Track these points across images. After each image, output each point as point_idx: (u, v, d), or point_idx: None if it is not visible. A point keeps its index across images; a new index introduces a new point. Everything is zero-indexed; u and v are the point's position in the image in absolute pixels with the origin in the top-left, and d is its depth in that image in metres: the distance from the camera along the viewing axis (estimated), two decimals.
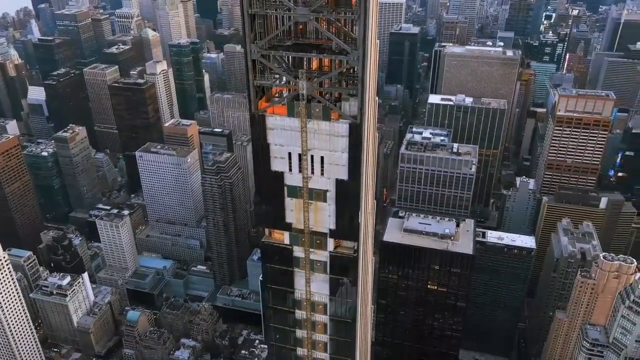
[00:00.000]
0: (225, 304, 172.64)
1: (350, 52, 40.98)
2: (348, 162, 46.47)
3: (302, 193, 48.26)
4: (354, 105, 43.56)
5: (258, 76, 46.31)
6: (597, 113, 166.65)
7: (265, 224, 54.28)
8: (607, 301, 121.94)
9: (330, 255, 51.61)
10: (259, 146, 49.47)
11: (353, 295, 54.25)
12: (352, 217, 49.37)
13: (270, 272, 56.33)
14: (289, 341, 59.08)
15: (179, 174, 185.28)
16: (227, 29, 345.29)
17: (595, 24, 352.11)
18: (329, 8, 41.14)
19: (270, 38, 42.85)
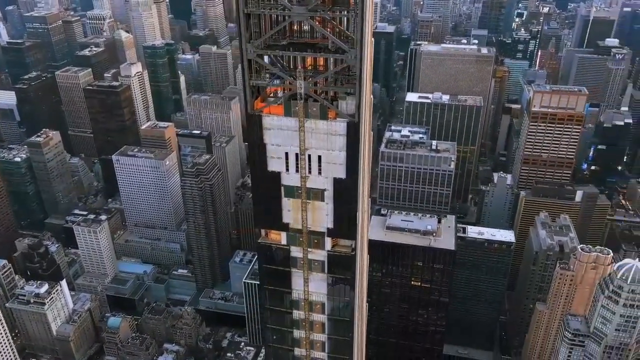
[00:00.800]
0: (208, 307, 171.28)
1: (347, 50, 41.01)
2: (346, 161, 46.52)
3: (300, 193, 48.13)
4: (351, 103, 43.62)
5: (254, 76, 45.87)
6: (571, 108, 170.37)
7: (262, 225, 53.93)
8: (586, 292, 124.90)
9: (328, 255, 51.59)
10: (255, 147, 49.06)
11: (351, 294, 54.37)
12: (350, 215, 49.47)
13: (267, 273, 56.03)
14: (286, 342, 58.88)
15: (157, 177, 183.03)
16: (202, 30, 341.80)
17: (565, 21, 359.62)
18: (325, 7, 41.02)
19: (266, 37, 42.47)
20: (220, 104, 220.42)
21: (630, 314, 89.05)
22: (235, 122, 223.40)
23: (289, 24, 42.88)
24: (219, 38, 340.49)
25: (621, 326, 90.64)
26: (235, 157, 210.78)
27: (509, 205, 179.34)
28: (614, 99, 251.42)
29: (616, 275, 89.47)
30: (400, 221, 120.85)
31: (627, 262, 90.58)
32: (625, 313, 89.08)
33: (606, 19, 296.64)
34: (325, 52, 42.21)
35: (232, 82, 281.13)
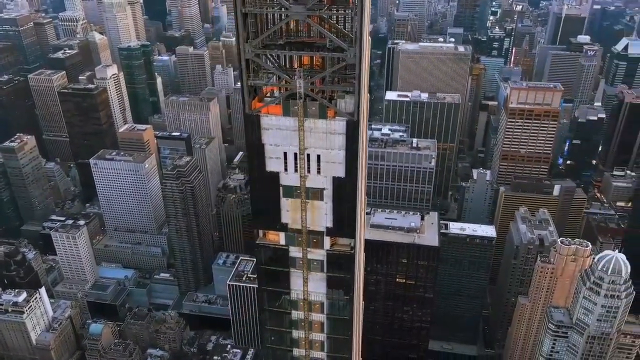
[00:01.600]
0: (192, 311, 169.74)
1: (347, 49, 41.00)
2: (345, 160, 46.51)
3: (299, 193, 47.90)
4: (350, 102, 43.64)
5: (251, 76, 45.47)
6: (547, 104, 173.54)
7: (260, 226, 53.55)
8: (566, 284, 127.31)
9: (327, 254, 51.49)
10: (253, 147, 48.59)
11: (350, 292, 54.44)
12: (349, 214, 49.47)
13: (265, 274, 55.62)
14: (285, 343, 58.62)
15: (136, 180, 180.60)
16: (178, 31, 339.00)
17: (538, 19, 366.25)
18: (324, 6, 40.86)
19: (264, 37, 42.13)
20: (199, 105, 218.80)
21: (611, 304, 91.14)
22: (214, 124, 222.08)
23: (285, 24, 42.65)
24: (195, 39, 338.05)
25: (602, 316, 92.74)
26: (215, 159, 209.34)
27: (489, 201, 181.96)
28: (586, 94, 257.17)
29: (597, 267, 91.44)
30: (384, 219, 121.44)
31: (607, 253, 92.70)
32: (606, 303, 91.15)
33: (577, 16, 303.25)
34: (324, 51, 42.14)
35: (209, 83, 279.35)
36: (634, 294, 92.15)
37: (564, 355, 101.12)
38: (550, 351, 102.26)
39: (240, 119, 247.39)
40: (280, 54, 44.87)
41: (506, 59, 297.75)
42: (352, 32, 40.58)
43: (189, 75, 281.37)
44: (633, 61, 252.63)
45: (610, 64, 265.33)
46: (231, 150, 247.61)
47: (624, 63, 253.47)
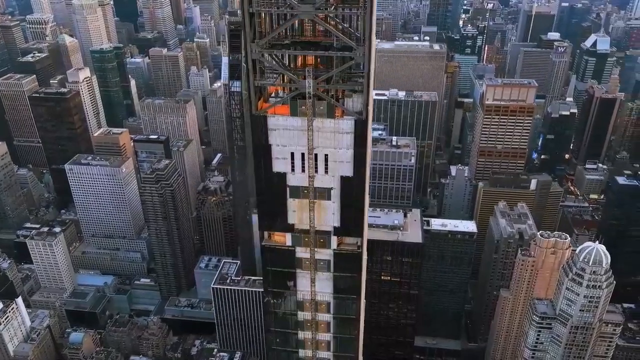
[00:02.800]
0: (175, 316, 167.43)
1: (356, 48, 40.86)
2: (353, 159, 46.37)
3: (306, 193, 47.61)
4: (357, 101, 43.57)
5: (258, 76, 44.96)
6: (522, 100, 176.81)
7: (267, 228, 53.05)
8: (546, 276, 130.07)
9: (334, 253, 51.35)
10: (260, 148, 48.02)
11: (357, 291, 54.49)
12: (357, 213, 49.44)
13: (272, 276, 55.15)
14: (290, 344, 58.30)
15: (113, 185, 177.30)
16: (150, 33, 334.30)
17: (508, 17, 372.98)
18: (332, 4, 40.65)
19: (272, 36, 41.68)
20: (175, 107, 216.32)
21: (593, 295, 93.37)
22: (191, 126, 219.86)
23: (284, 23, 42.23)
24: (168, 40, 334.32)
25: (585, 306, 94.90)
26: (193, 161, 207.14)
27: (468, 197, 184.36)
28: (558, 90, 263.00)
29: (578, 259, 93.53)
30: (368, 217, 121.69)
31: (587, 245, 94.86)
32: (589, 294, 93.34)
33: (547, 14, 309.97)
34: (331, 50, 41.96)
35: (185, 85, 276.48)
36: (614, 283, 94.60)
37: (549, 346, 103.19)
38: (535, 342, 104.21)
39: (217, 120, 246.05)
40: (284, 54, 44.62)
41: (479, 57, 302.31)
42: (357, 31, 40.53)
43: (164, 77, 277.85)
44: (601, 57, 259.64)
45: (580, 60, 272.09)
46: (209, 153, 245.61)
47: (593, 59, 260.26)
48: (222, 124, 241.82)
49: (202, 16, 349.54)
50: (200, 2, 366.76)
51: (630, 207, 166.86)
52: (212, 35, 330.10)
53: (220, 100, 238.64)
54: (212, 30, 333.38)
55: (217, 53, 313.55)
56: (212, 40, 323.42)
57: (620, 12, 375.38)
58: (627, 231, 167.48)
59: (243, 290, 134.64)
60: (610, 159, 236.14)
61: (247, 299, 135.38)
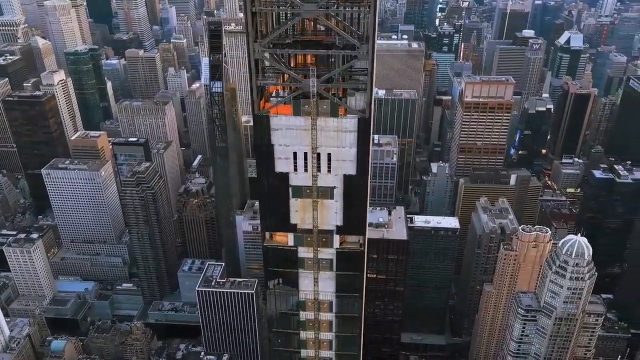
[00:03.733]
0: (158, 320, 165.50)
1: (359, 46, 40.72)
2: (356, 157, 46.24)
3: (309, 192, 47.35)
4: (360, 99, 43.51)
5: (260, 76, 44.48)
6: (500, 97, 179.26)
7: (269, 228, 52.62)
8: (529, 269, 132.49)
9: (336, 252, 51.26)
10: (262, 148, 47.57)
11: (360, 290, 54.50)
12: (360, 211, 49.45)
13: (274, 276, 54.71)
14: (292, 344, 57.96)
15: (92, 189, 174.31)
16: (125, 34, 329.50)
17: (483, 15, 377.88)
18: (336, 3, 40.47)
19: (275, 36, 41.31)
20: (154, 109, 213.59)
21: (576, 286, 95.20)
22: (171, 127, 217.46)
23: (287, 23, 41.94)
24: (144, 41, 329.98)
25: (569, 298, 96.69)
26: (174, 163, 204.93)
27: (449, 193, 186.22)
28: (534, 86, 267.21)
29: (561, 251, 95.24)
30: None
31: (570, 237, 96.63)
32: (572, 286, 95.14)
33: (521, 11, 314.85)
34: (334, 48, 41.79)
35: (162, 87, 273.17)
36: (596, 275, 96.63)
37: (534, 338, 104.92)
38: (520, 335, 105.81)
39: (196, 121, 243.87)
40: (284, 54, 44.28)
41: (456, 55, 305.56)
42: (359, 30, 40.49)
43: (141, 79, 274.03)
44: (575, 53, 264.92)
45: (554, 56, 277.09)
46: (188, 154, 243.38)
47: (567, 55, 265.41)
48: (202, 125, 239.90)
49: (178, 17, 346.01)
50: (175, 3, 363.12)
51: (607, 200, 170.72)
52: (189, 35, 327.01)
53: (199, 101, 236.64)
54: (189, 30, 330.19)
55: (195, 54, 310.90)
56: (189, 41, 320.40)
57: (591, 10, 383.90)
58: (603, 223, 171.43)
59: (228, 292, 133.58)
60: (586, 153, 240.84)
61: (232, 301, 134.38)
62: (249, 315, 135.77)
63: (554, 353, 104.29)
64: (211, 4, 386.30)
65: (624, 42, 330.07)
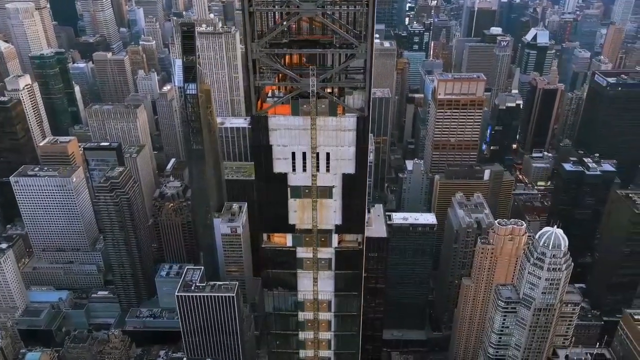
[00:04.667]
0: (136, 327, 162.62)
1: (358, 45, 40.56)
2: (355, 156, 46.12)
3: (307, 192, 47.00)
4: (358, 98, 43.40)
5: (258, 76, 43.89)
6: (472, 94, 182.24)
7: (268, 230, 51.99)
8: (505, 262, 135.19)
9: (335, 252, 51.03)
10: (260, 149, 46.99)
11: (358, 288, 54.37)
12: (359, 210, 49.38)
13: (272, 278, 54.12)
14: (290, 345, 57.48)
15: (64, 195, 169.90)
16: (92, 36, 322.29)
17: (451, 13, 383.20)
18: (335, 2, 40.22)
19: (273, 35, 40.82)
20: (125, 112, 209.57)
21: (554, 277, 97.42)
22: (143, 131, 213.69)
23: (286, 22, 41.58)
24: (112, 44, 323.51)
25: (547, 289, 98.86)
26: (147, 167, 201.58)
27: (425, 190, 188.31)
28: (502, 82, 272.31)
29: (539, 243, 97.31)
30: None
31: (547, 230, 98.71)
32: (550, 277, 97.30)
33: (488, 9, 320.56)
34: (331, 48, 41.56)
35: (132, 90, 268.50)
36: (572, 265, 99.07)
37: (514, 330, 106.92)
38: (501, 327, 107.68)
39: (168, 124, 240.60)
40: (280, 53, 43.88)
41: (427, 53, 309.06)
42: (355, 28, 40.42)
43: (110, 82, 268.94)
44: (542, 50, 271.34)
45: (522, 53, 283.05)
46: (161, 158, 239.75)
47: (534, 52, 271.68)
48: (175, 128, 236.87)
49: (146, 18, 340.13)
50: (143, 4, 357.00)
51: (577, 192, 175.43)
52: (158, 37, 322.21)
53: (171, 104, 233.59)
54: (158, 32, 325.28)
55: (164, 55, 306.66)
56: (158, 43, 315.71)
57: (554, 7, 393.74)
58: (574, 215, 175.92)
59: (209, 296, 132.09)
60: (555, 147, 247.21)
61: (213, 304, 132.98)
62: (230, 318, 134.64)
63: (534, 343, 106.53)
64: (180, 5, 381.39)
65: (586, 38, 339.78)
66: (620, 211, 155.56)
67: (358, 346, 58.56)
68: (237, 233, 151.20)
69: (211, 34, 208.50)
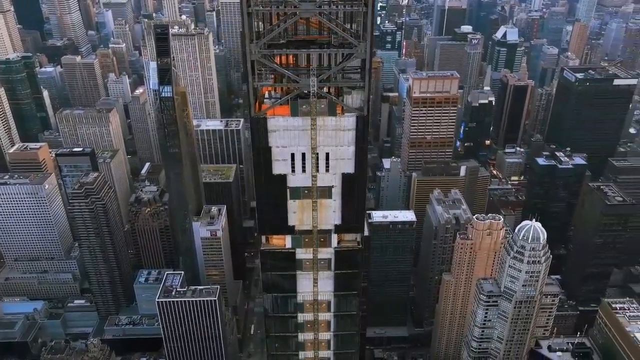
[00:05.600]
0: (116, 335, 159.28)
1: (357, 44, 40.36)
2: (355, 155, 45.95)
3: (307, 193, 46.60)
4: (357, 97, 43.24)
5: (256, 78, 43.28)
6: (446, 91, 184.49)
7: (267, 232, 51.35)
8: (484, 256, 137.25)
9: (335, 251, 50.79)
10: (260, 151, 46.31)
11: (359, 287, 54.28)
12: (359, 209, 49.23)
13: (272, 280, 53.50)
14: (290, 347, 56.94)
15: (36, 203, 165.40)
16: (59, 40, 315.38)
17: (422, 12, 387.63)
18: (334, 1, 39.92)
19: (272, 36, 40.27)
20: (97, 117, 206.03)
21: (534, 270, 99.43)
22: (116, 135, 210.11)
23: (284, 22, 41.12)
24: (80, 47, 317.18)
25: (527, 281, 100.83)
26: (122, 172, 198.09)
27: (403, 187, 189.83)
28: (474, 80, 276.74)
29: (518, 237, 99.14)
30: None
31: (526, 223, 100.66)
32: (530, 269, 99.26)
33: (458, 8, 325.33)
34: (329, 47, 41.30)
35: (103, 94, 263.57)
36: (550, 257, 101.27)
37: (496, 323, 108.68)
38: (483, 320, 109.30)
39: (141, 128, 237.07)
40: (279, 54, 43.40)
41: (399, 52, 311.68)
42: (352, 28, 40.27)
43: (79, 86, 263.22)
44: (512, 47, 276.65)
45: (492, 50, 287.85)
46: (135, 162, 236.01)
47: (504, 49, 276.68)
48: (148, 132, 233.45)
49: (115, 21, 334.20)
50: (112, 7, 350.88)
51: (550, 186, 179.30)
52: (128, 40, 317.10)
53: (144, 107, 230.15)
54: (128, 35, 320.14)
55: (135, 58, 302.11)
56: (128, 45, 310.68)
57: (522, 5, 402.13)
58: (549, 208, 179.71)
59: (190, 301, 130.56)
60: (526, 142, 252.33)
61: (195, 309, 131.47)
62: (212, 323, 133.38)
63: (516, 335, 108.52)
64: (149, 7, 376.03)
65: (553, 35, 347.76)
66: (592, 203, 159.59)
67: (357, 346, 58.67)
68: (216, 236, 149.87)
69: (184, 35, 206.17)
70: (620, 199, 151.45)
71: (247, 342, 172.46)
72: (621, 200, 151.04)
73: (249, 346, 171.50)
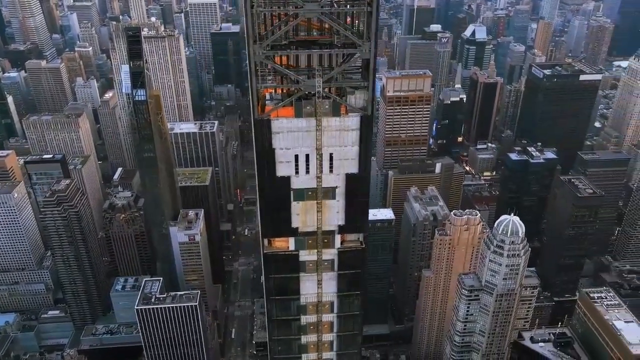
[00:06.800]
0: (93, 345, 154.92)
1: (362, 44, 40.00)
2: (359, 155, 45.55)
3: (311, 194, 45.98)
4: (361, 97, 42.86)
5: (260, 79, 42.42)
6: (419, 90, 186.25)
7: (270, 235, 50.47)
8: (462, 251, 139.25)
9: (338, 252, 50.31)
10: (263, 153, 45.45)
11: (362, 287, 53.95)
12: (363, 209, 48.86)
13: (275, 283, 52.62)
14: (293, 350, 56.19)
15: (5, 213, 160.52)
16: (22, 44, 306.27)
17: (392, 12, 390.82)
18: (337, 2, 39.45)
19: (275, 37, 39.51)
20: (66, 122, 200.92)
21: (513, 263, 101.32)
22: (86, 141, 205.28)
23: (286, 23, 40.50)
24: (45, 51, 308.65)
25: (507, 275, 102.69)
26: (94, 178, 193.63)
27: (380, 186, 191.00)
28: (444, 78, 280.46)
29: (497, 231, 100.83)
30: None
31: (504, 218, 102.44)
32: (510, 263, 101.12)
33: (427, 7, 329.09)
34: (332, 48, 40.85)
35: (71, 98, 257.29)
36: (529, 250, 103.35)
37: (478, 316, 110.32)
38: (465, 314, 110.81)
39: (112, 133, 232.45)
40: (277, 55, 42.74)
41: None
42: (354, 28, 39.99)
43: (45, 91, 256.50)
44: (480, 45, 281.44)
45: (462, 49, 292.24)
46: (106, 168, 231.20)
47: (473, 47, 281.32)
48: (119, 136, 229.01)
49: (80, 24, 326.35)
50: (76, 9, 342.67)
51: (523, 180, 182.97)
52: (95, 43, 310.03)
53: (114, 111, 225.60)
54: (94, 37, 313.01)
55: (102, 62, 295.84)
56: (95, 49, 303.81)
57: (488, 3, 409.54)
58: (522, 202, 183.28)
59: (170, 307, 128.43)
60: (497, 138, 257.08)
61: (175, 316, 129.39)
62: (193, 329, 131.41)
63: (497, 328, 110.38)
64: (115, 9, 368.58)
65: (519, 33, 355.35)
66: (564, 196, 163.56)
67: (359, 345, 58.54)
68: (195, 241, 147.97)
69: (154, 38, 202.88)
70: (590, 191, 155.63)
71: (228, 346, 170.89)
72: (591, 193, 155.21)
73: (230, 350, 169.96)
